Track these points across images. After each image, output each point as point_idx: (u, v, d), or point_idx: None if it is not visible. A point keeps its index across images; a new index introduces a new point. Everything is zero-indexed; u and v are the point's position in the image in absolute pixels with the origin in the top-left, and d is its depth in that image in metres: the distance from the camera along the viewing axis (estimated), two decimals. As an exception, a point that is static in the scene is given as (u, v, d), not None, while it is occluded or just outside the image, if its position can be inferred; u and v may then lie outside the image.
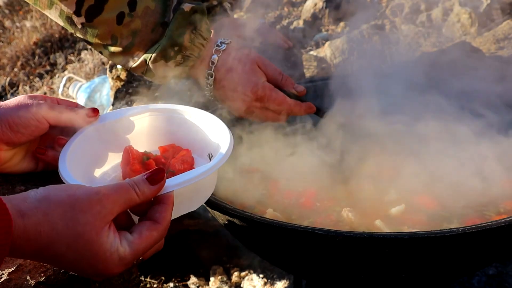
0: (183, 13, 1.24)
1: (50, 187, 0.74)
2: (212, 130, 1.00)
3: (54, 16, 1.21)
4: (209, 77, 1.31)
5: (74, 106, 0.98)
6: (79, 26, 1.20)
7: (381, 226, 1.02)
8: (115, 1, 1.18)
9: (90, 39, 1.23)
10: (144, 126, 1.04)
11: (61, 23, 1.22)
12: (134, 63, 1.26)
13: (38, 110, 0.91)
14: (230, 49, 1.30)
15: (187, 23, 1.24)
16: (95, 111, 0.98)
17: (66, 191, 0.73)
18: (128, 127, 1.02)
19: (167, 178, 0.80)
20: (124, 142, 1.01)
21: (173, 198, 0.80)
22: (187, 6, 1.24)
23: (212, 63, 1.29)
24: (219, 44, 1.30)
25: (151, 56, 1.24)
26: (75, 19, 1.18)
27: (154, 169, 0.79)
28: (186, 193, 0.82)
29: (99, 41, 1.23)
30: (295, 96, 1.36)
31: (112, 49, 1.25)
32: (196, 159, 1.00)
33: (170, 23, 1.23)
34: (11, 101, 0.93)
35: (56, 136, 0.97)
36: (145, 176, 0.77)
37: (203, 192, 0.93)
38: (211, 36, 1.29)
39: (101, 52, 1.27)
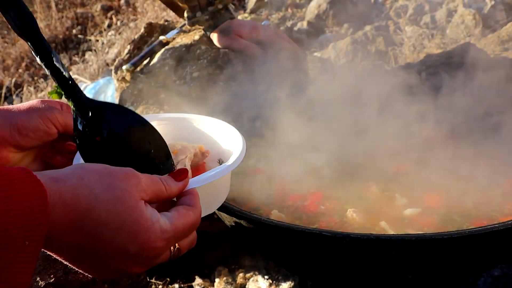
0: None
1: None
2: (222, 137, 1.01)
3: None
4: None
5: None
6: None
7: (385, 227, 1.02)
8: None
9: None
10: None
11: None
12: None
13: (48, 116, 0.91)
14: None
15: None
16: None
17: (100, 165, 0.72)
18: None
19: None
20: None
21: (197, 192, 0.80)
22: None
23: None
24: None
25: None
26: None
27: (178, 169, 0.80)
28: (204, 194, 0.83)
29: None
30: None
31: None
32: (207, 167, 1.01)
33: None
34: (23, 105, 0.93)
35: (66, 142, 0.97)
36: (170, 175, 0.79)
37: (219, 194, 0.93)
38: None
39: None
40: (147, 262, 0.74)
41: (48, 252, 0.69)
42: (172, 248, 0.76)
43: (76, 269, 0.73)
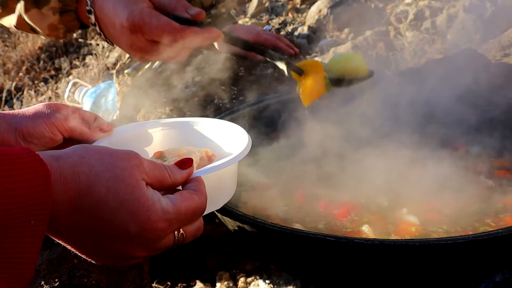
0: None
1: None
2: (226, 137, 1.01)
3: None
4: (90, 15, 1.13)
5: (93, 118, 0.99)
6: None
7: (369, 232, 1.03)
8: None
9: None
10: (157, 141, 1.04)
11: None
12: (16, 20, 1.14)
13: (54, 122, 0.91)
14: None
15: None
16: (108, 126, 0.98)
17: (102, 146, 0.73)
18: (142, 141, 1.03)
19: None
20: None
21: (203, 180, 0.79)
22: None
23: None
24: None
25: (21, 5, 1.10)
26: None
27: (183, 158, 0.79)
28: (209, 187, 0.82)
29: None
30: (194, 23, 1.10)
31: None
32: None
33: None
34: (29, 110, 0.93)
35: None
36: (174, 163, 0.78)
37: (225, 189, 0.92)
38: None
39: None
40: (149, 245, 0.72)
41: (50, 236, 0.68)
42: (176, 233, 0.75)
43: (78, 253, 0.71)
